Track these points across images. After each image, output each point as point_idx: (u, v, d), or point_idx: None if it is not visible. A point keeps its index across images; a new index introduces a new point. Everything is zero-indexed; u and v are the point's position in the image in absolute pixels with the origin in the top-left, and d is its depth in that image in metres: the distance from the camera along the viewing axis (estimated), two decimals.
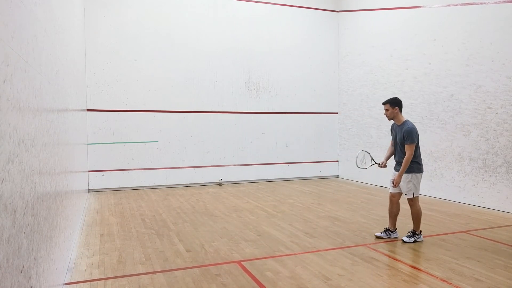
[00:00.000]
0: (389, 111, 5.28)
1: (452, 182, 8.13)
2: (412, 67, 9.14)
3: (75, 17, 6.44)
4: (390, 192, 5.44)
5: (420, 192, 8.76)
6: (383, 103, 5.38)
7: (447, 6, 8.25)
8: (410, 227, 5.86)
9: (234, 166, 10.78)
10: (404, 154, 5.17)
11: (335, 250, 4.90)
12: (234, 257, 4.66)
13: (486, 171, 7.43)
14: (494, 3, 7.28)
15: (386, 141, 9.92)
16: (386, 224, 6.05)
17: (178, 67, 10.14)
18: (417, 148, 5.20)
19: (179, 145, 10.18)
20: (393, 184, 5.28)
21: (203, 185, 10.37)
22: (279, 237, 5.47)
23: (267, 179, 11.15)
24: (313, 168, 11.70)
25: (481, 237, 5.48)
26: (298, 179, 11.49)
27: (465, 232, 5.78)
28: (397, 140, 5.30)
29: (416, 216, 5.27)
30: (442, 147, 8.35)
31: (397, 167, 5.33)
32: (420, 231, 5.36)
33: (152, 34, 9.88)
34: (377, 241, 5.30)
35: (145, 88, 9.84)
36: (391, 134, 5.52)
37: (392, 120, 5.39)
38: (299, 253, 4.78)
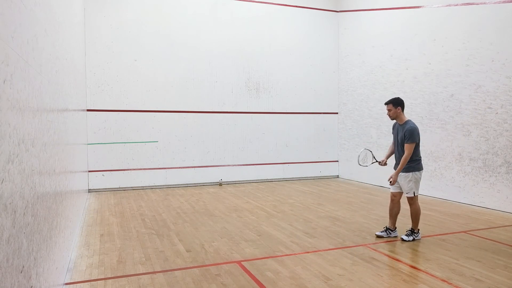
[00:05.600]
0: (392, 111, 5.33)
1: (452, 182, 8.13)
2: (412, 67, 9.14)
3: (75, 17, 6.44)
4: (391, 192, 5.47)
5: (420, 192, 8.80)
6: (386, 103, 5.42)
7: (447, 6, 8.25)
8: (410, 226, 5.86)
9: (234, 166, 10.78)
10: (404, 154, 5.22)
11: (335, 250, 4.90)
12: (234, 257, 4.66)
13: (486, 171, 7.43)
14: (494, 3, 7.28)
15: (386, 141, 9.92)
16: (387, 224, 6.05)
17: (178, 67, 10.14)
18: (417, 147, 5.26)
19: (179, 145, 10.18)
20: (390, 183, 5.34)
21: (203, 185, 10.37)
22: (279, 237, 5.47)
23: (267, 179, 11.14)
24: (313, 168, 11.70)
25: (481, 237, 5.48)
26: (298, 179, 11.48)
27: (465, 232, 5.78)
28: (398, 139, 5.35)
29: (415, 215, 5.32)
30: (442, 147, 8.35)
31: (397, 166, 5.36)
32: (418, 229, 5.41)
33: (152, 34, 9.88)
34: (377, 241, 5.30)
35: (145, 88, 9.84)
36: (393, 133, 5.55)
37: (394, 120, 5.44)
38: (299, 253, 4.78)
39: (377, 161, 5.77)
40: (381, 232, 5.52)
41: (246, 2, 10.82)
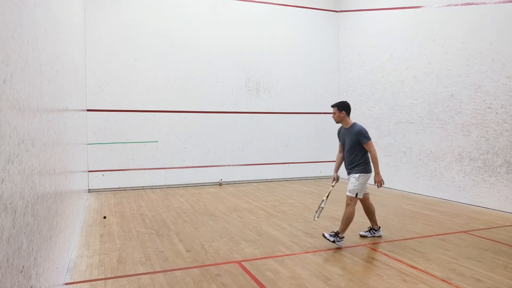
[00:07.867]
0: (336, 115, 5.22)
1: (452, 182, 8.12)
2: (412, 67, 9.14)
3: (75, 17, 6.44)
4: None
5: (420, 192, 8.81)
6: (332, 106, 5.32)
7: (447, 6, 8.25)
8: (411, 226, 5.89)
9: (234, 166, 10.78)
10: (354, 156, 5.15)
11: (335, 250, 4.90)
12: (234, 257, 4.66)
13: (486, 171, 7.43)
14: (494, 3, 7.28)
15: (386, 141, 9.92)
16: (386, 224, 6.06)
17: (178, 67, 10.13)
18: (366, 150, 5.16)
19: (179, 145, 10.18)
20: (378, 187, 5.23)
21: (203, 185, 10.37)
22: (279, 237, 5.47)
23: (267, 179, 11.14)
24: (313, 168, 11.70)
25: (481, 237, 5.48)
26: (298, 179, 11.48)
27: (465, 232, 5.78)
28: (346, 144, 5.25)
29: (348, 217, 5.05)
30: (442, 147, 8.35)
31: (350, 171, 5.26)
32: (343, 236, 5.05)
33: (152, 34, 9.88)
34: (377, 241, 5.30)
35: (145, 88, 9.84)
36: (339, 139, 5.45)
37: (339, 124, 5.33)
38: (299, 253, 4.78)
39: (326, 197, 5.49)
40: (365, 232, 5.51)
41: (246, 2, 10.82)
